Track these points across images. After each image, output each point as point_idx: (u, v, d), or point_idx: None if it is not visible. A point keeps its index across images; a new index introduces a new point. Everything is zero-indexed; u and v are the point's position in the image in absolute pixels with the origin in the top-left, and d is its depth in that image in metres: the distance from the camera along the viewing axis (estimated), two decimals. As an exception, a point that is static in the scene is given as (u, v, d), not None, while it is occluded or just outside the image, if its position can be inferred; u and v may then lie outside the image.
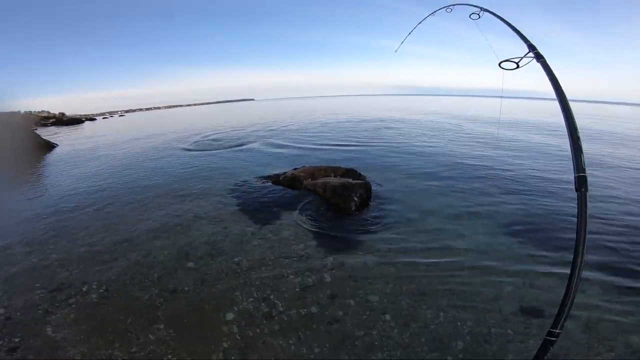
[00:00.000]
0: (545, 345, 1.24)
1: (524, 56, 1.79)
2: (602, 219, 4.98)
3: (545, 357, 1.24)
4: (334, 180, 6.33)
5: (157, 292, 3.44)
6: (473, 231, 4.62)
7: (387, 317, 2.95)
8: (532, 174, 7.69)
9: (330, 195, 5.77)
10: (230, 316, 3.04)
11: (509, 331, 2.76)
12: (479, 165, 8.65)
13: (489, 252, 4.05)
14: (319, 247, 4.25)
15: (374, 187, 6.27)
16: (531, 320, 2.87)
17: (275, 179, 7.02)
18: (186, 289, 3.47)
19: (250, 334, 2.82)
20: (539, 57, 1.74)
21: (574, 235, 1.27)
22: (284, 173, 7.18)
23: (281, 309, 3.10)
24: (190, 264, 3.96)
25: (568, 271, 1.24)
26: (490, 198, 6.03)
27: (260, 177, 7.43)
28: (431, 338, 2.71)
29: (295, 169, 7.45)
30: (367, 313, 3.03)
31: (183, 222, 5.20)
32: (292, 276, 3.61)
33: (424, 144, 12.02)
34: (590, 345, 2.60)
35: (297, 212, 5.40)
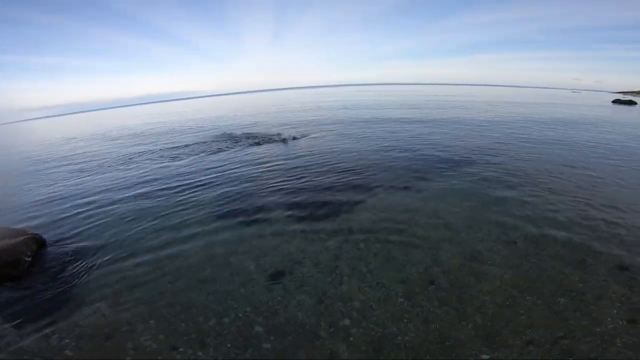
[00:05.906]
0: None
1: None
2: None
3: None
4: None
5: None
6: (184, 234, 5.06)
7: (180, 349, 2.98)
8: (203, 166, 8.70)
9: (-24, 272, 4.12)
10: None
11: (262, 288, 3.74)
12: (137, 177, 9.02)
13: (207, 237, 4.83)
14: (18, 333, 3.19)
15: (44, 234, 5.04)
16: (265, 272, 4.01)
17: None
18: None
19: None
20: None
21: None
22: None
23: None
24: None
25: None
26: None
27: None
28: (236, 329, 3.14)
29: None
30: (158, 353, 2.94)
31: None
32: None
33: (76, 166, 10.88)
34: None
35: None
